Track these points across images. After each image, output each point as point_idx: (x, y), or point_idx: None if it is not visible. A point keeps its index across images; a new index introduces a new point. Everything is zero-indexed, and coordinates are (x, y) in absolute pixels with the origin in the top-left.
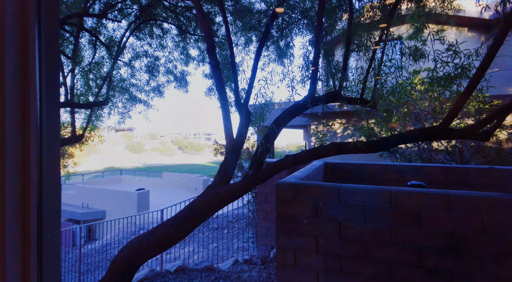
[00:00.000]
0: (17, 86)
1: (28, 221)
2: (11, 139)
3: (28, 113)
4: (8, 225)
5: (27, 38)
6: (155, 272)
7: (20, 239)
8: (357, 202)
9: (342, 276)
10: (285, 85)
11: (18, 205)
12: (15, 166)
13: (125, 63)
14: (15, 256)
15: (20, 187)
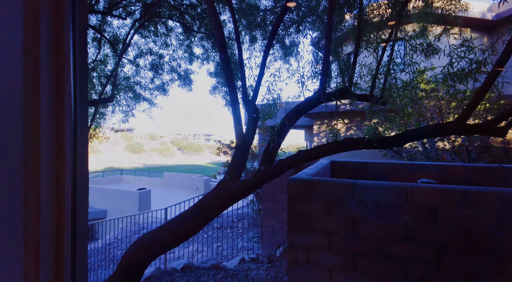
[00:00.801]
0: (51, 83)
1: (63, 204)
2: (46, 133)
3: (62, 108)
4: (43, 206)
5: (61, 36)
6: (162, 270)
7: (55, 222)
8: (372, 198)
9: (355, 273)
10: (295, 81)
11: (54, 189)
12: (50, 154)
13: (130, 61)
14: (51, 238)
15: (55, 173)
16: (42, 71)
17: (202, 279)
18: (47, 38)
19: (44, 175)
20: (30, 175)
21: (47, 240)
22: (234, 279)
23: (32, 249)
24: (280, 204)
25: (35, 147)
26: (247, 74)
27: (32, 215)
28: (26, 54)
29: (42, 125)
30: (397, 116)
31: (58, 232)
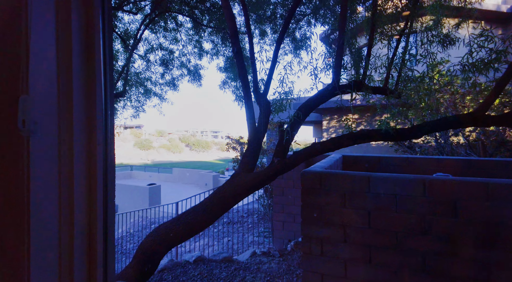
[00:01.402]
0: (83, 71)
1: (94, 191)
2: (78, 126)
3: (94, 103)
4: (76, 194)
5: (92, 32)
6: (175, 262)
7: (87, 206)
8: (388, 191)
9: (371, 266)
10: (308, 74)
11: (86, 176)
12: (83, 143)
13: (140, 57)
14: (83, 225)
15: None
16: (74, 62)
17: (215, 271)
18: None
19: (77, 159)
20: (64, 158)
21: (80, 227)
22: (246, 272)
23: (66, 235)
24: (291, 199)
25: (68, 131)
26: (258, 68)
27: (65, 199)
28: (59, 43)
29: (75, 112)
30: (409, 111)
31: (90, 219)
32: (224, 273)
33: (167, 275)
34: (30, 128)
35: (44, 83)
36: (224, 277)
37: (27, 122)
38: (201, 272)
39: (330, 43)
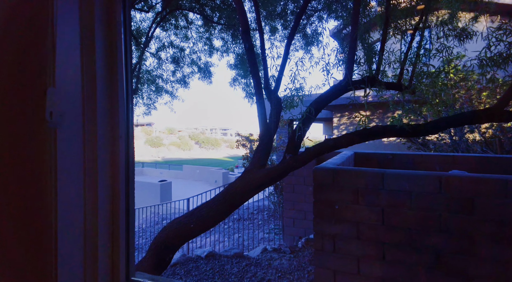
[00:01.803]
0: (106, 65)
1: (117, 183)
2: (102, 120)
3: (116, 96)
4: (100, 185)
5: (114, 27)
6: (187, 257)
7: (111, 195)
8: (403, 187)
9: (385, 263)
10: (320, 69)
11: (110, 162)
12: (106, 139)
13: (152, 54)
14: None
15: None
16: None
17: (226, 267)
18: (100, 32)
19: (101, 150)
20: (88, 149)
21: (104, 218)
22: (257, 268)
23: (91, 224)
24: (302, 196)
25: (92, 124)
26: (268, 65)
27: (90, 190)
28: (83, 39)
29: (98, 104)
30: (423, 107)
31: (113, 210)
32: (235, 269)
33: (180, 270)
34: (57, 120)
35: (69, 76)
36: (236, 272)
37: (54, 114)
38: (213, 267)
39: (341, 38)
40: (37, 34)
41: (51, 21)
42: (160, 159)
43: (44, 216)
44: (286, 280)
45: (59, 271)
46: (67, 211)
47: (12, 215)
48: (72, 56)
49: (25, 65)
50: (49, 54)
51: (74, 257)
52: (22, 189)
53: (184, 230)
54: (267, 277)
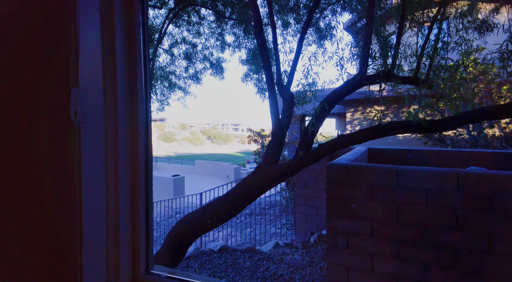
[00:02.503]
0: (126, 66)
1: (137, 180)
2: (123, 115)
3: (135, 91)
4: (121, 180)
5: (132, 29)
6: (200, 251)
7: (131, 191)
8: (418, 184)
9: (399, 261)
10: (333, 64)
11: (130, 159)
12: (127, 133)
13: (165, 51)
14: (128, 209)
15: (131, 149)
16: (117, 57)
17: (239, 261)
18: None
19: (122, 148)
20: (110, 147)
21: (125, 213)
22: (270, 262)
23: (113, 220)
24: (314, 192)
25: (113, 122)
26: (281, 60)
27: (112, 186)
28: (104, 40)
29: (119, 104)
30: (440, 102)
31: (133, 204)
32: (248, 263)
33: (193, 263)
34: (81, 119)
35: (91, 76)
36: (248, 266)
37: (78, 113)
38: (226, 261)
39: (356, 32)
40: (61, 37)
41: (74, 24)
42: (173, 154)
43: (70, 210)
44: (298, 275)
45: (84, 264)
46: (91, 206)
47: (42, 208)
48: (94, 57)
49: (50, 67)
50: (72, 56)
51: (97, 250)
52: (50, 185)
53: (198, 224)
54: (280, 271)
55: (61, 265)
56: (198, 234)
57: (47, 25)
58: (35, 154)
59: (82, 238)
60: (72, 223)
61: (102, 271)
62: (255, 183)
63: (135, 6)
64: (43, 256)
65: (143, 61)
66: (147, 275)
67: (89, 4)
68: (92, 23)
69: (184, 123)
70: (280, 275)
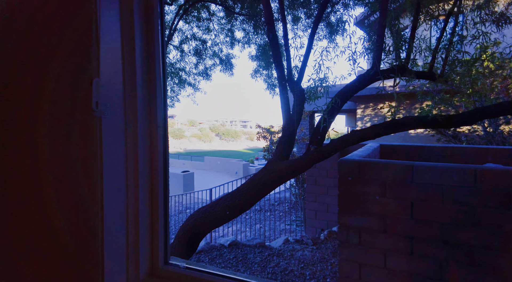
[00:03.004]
0: (144, 58)
1: (155, 161)
2: (142, 108)
3: (153, 83)
4: (140, 170)
5: (151, 24)
6: (211, 245)
7: (150, 182)
8: (434, 180)
9: (413, 258)
10: (346, 59)
11: (149, 150)
12: (145, 124)
13: (175, 47)
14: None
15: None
16: (136, 49)
17: (249, 256)
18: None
19: (141, 139)
20: (130, 138)
21: (144, 205)
22: (280, 258)
23: (132, 211)
24: (324, 188)
25: (133, 113)
26: (291, 55)
27: (131, 176)
28: (124, 33)
29: (138, 95)
30: (455, 97)
31: (152, 195)
32: (258, 258)
33: (204, 257)
34: (102, 109)
35: (112, 67)
36: (259, 261)
37: (99, 103)
38: (236, 256)
39: (367, 26)
40: (83, 29)
41: (95, 16)
42: (182, 150)
43: (92, 200)
44: (309, 271)
45: (106, 254)
46: (111, 195)
47: (65, 196)
48: (114, 48)
49: (73, 58)
50: (93, 47)
51: (118, 240)
52: (73, 174)
53: (210, 219)
54: (290, 267)
55: (84, 255)
56: (210, 228)
57: (69, 17)
58: (58, 143)
59: (104, 228)
60: (94, 213)
61: (122, 261)
62: (266, 178)
63: (154, 8)
64: (66, 246)
65: (161, 54)
66: (166, 265)
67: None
68: (112, 15)
69: (193, 120)
70: (291, 270)
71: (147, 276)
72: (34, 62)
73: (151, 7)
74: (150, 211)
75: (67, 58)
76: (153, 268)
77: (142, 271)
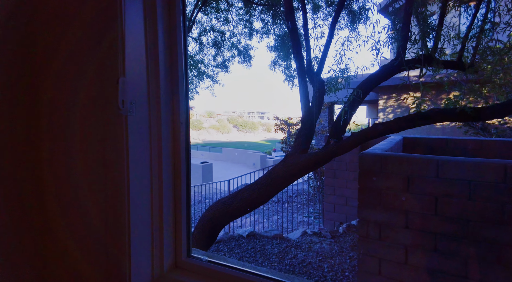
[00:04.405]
0: (167, 55)
1: (178, 157)
2: (164, 99)
3: (176, 80)
4: (164, 165)
5: (174, 22)
6: (230, 235)
7: (173, 178)
8: (460, 176)
9: (436, 255)
10: (368, 48)
11: (172, 146)
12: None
13: (194, 39)
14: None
15: (172, 138)
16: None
17: (267, 247)
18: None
19: (165, 137)
20: (154, 135)
21: (168, 201)
22: (298, 250)
23: (157, 207)
24: (343, 181)
25: (157, 111)
26: (311, 45)
27: (156, 173)
28: (147, 33)
29: (161, 93)
30: (484, 88)
31: (175, 192)
32: (276, 249)
33: (223, 247)
34: (128, 107)
35: (136, 66)
36: (276, 253)
37: (125, 102)
38: (254, 247)
39: (391, 13)
40: (108, 28)
41: (120, 15)
42: (200, 141)
43: (119, 195)
44: (327, 264)
45: (132, 247)
46: (137, 191)
47: (93, 192)
48: (139, 47)
49: (99, 58)
50: (119, 46)
51: (144, 234)
52: (101, 170)
53: (229, 210)
54: (308, 259)
55: (112, 248)
56: (229, 219)
57: (95, 17)
58: (88, 142)
59: (130, 222)
60: (121, 208)
61: (148, 253)
62: (285, 171)
63: (176, 4)
64: (96, 240)
65: (183, 51)
66: (188, 258)
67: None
68: (136, 13)
69: (211, 111)
70: (309, 262)
71: (171, 268)
72: (59, 62)
73: (173, 4)
74: (173, 205)
75: (94, 58)
76: (176, 260)
77: (166, 263)
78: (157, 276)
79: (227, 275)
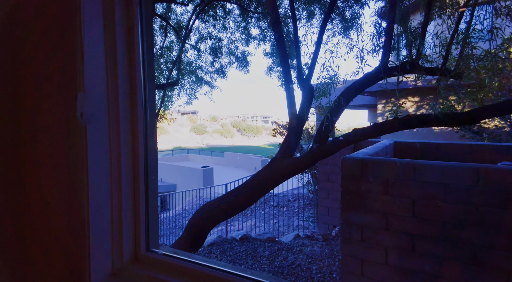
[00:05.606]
0: (126, 69)
1: (137, 171)
2: (123, 114)
3: (135, 92)
4: (123, 171)
5: (132, 35)
6: (223, 238)
7: (132, 180)
8: (436, 179)
9: (414, 256)
10: (354, 56)
11: (131, 152)
12: (127, 130)
13: (192, 46)
14: (129, 191)
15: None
16: (118, 60)
17: (259, 249)
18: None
19: (124, 144)
20: (113, 144)
21: (127, 203)
22: (288, 252)
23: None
24: (337, 185)
25: (116, 121)
26: (302, 52)
27: (116, 178)
28: (106, 46)
29: (120, 105)
30: (479, 92)
31: (135, 196)
32: (267, 252)
33: (216, 249)
34: (87, 119)
35: (96, 81)
36: (267, 255)
37: (84, 114)
38: (246, 249)
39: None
40: (68, 46)
41: (79, 34)
42: (204, 146)
43: (79, 198)
44: (316, 266)
45: (92, 241)
46: (97, 194)
47: (56, 194)
48: (98, 62)
49: (60, 74)
50: (78, 63)
51: (103, 231)
52: (63, 176)
53: (215, 213)
54: (297, 261)
55: (74, 243)
56: (216, 221)
57: (56, 37)
58: (49, 149)
59: (90, 221)
60: (81, 209)
61: (108, 248)
62: (270, 175)
63: (134, 11)
64: (56, 235)
65: (142, 63)
66: (147, 252)
67: (92, 9)
68: (96, 31)
69: (214, 116)
70: (298, 265)
71: (130, 261)
72: (30, 78)
73: (132, 19)
74: (133, 207)
75: (55, 75)
76: (136, 254)
77: (125, 257)
78: (116, 268)
79: (182, 267)
